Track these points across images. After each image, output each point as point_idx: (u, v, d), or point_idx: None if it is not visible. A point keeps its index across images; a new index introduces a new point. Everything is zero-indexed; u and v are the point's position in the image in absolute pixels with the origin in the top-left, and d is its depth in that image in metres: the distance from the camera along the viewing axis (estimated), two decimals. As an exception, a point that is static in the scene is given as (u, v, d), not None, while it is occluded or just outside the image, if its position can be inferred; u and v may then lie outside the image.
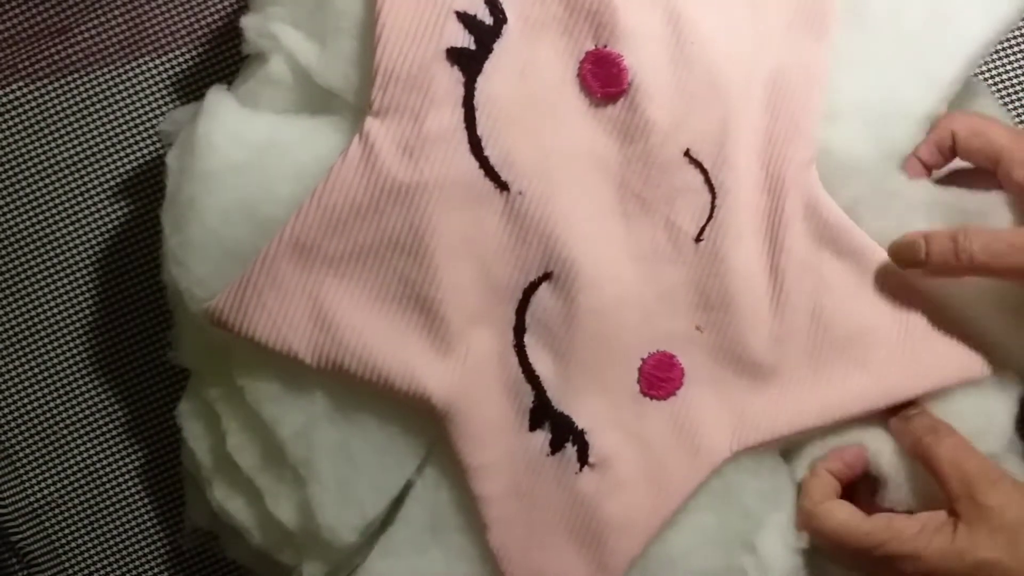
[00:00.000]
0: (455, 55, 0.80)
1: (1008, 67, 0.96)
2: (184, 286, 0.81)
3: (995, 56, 0.96)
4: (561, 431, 0.82)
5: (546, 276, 0.81)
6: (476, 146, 0.80)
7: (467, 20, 0.80)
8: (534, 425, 0.82)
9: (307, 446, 0.81)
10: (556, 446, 0.82)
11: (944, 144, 0.82)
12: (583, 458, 0.82)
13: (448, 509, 0.83)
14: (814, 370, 0.82)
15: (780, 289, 0.82)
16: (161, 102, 0.96)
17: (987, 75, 0.96)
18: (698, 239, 0.82)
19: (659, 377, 0.82)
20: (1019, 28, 0.95)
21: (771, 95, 0.82)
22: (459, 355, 0.81)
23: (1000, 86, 0.96)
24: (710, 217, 0.82)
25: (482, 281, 0.81)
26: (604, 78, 0.81)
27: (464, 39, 0.80)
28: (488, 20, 0.80)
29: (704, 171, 0.82)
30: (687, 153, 0.81)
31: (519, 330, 0.82)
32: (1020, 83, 0.96)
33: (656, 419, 0.82)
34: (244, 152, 0.81)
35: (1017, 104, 0.96)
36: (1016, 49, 0.96)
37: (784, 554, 0.83)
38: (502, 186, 0.81)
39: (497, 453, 0.81)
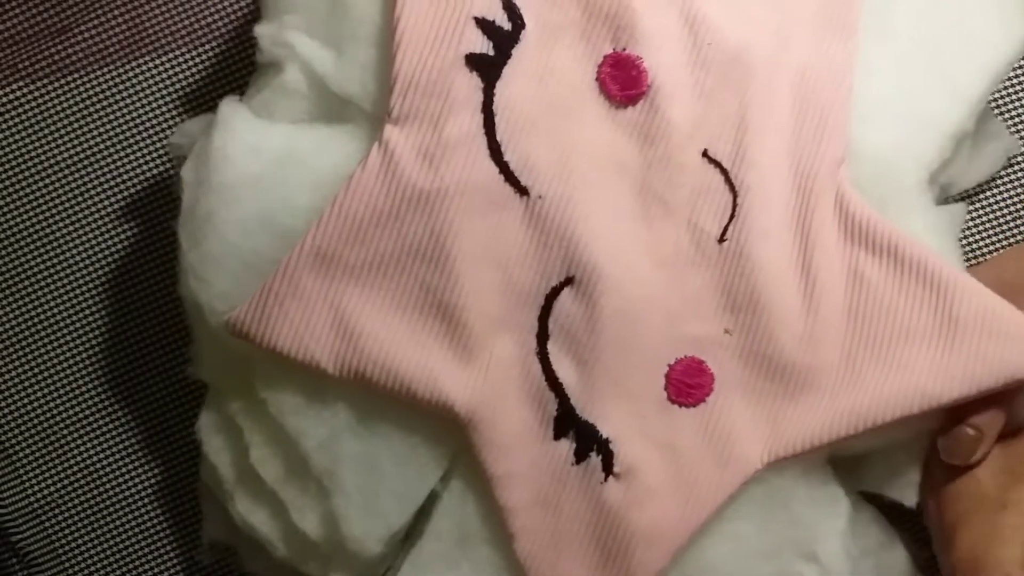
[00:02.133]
0: (474, 61, 0.79)
1: (1012, 90, 0.96)
2: (204, 300, 0.81)
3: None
4: (586, 440, 0.81)
5: (568, 281, 0.81)
6: (496, 151, 0.80)
7: (486, 26, 0.80)
8: (559, 434, 0.81)
9: (331, 457, 0.81)
10: (581, 455, 0.81)
11: None
12: (608, 467, 0.81)
13: (476, 521, 0.82)
14: (850, 371, 0.81)
15: (812, 287, 0.81)
16: (161, 103, 0.95)
17: (993, 97, 0.95)
18: (721, 239, 0.81)
19: (688, 384, 0.81)
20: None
21: (797, 94, 0.82)
22: (482, 363, 0.81)
23: (1004, 108, 0.96)
24: (732, 216, 0.81)
25: (504, 287, 0.81)
26: (624, 81, 0.81)
27: (483, 45, 0.80)
28: (506, 25, 0.80)
29: (724, 171, 0.81)
30: (705, 153, 0.81)
31: (542, 337, 0.81)
32: (1020, 83, 0.96)
33: (685, 427, 0.82)
34: (261, 163, 0.81)
35: (1018, 104, 0.96)
36: (1020, 71, 0.96)
37: (847, 563, 0.83)
38: (522, 191, 0.80)
39: (522, 462, 0.81)
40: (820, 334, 0.81)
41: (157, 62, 0.95)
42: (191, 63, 0.95)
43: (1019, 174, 0.96)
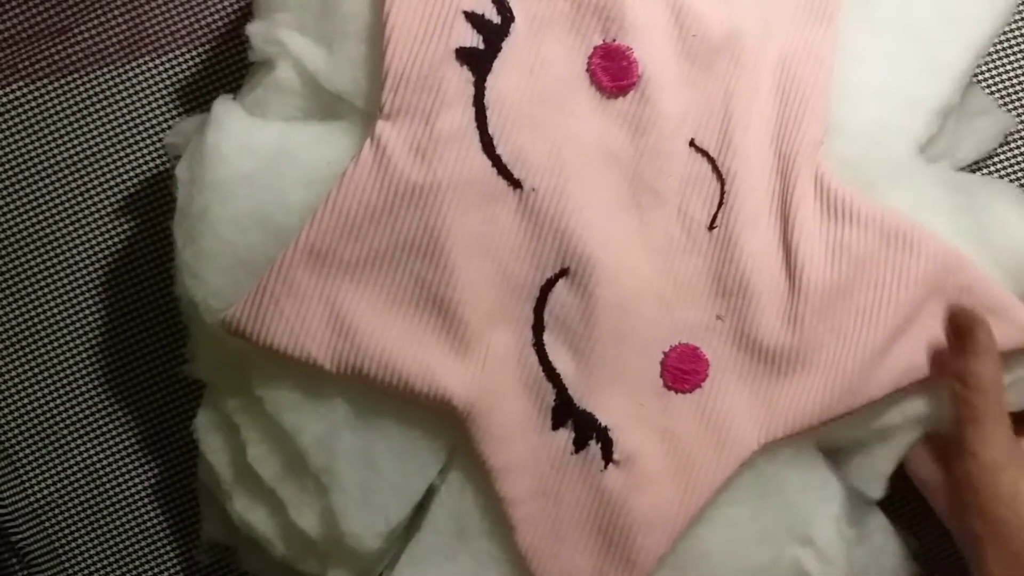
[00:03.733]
0: (464, 55, 0.80)
1: (1008, 67, 0.96)
2: (199, 298, 0.81)
3: (995, 56, 0.96)
4: (584, 429, 0.82)
5: (563, 272, 0.81)
6: (488, 145, 0.80)
7: (475, 20, 0.80)
8: (557, 424, 0.82)
9: (328, 454, 0.81)
10: (580, 444, 0.82)
11: None
12: (607, 455, 0.82)
13: (474, 513, 0.83)
14: (841, 348, 0.82)
15: (796, 267, 0.81)
16: (161, 103, 0.95)
17: (986, 75, 0.96)
18: (711, 227, 0.82)
19: (683, 370, 0.82)
20: (1018, 28, 0.96)
21: (780, 80, 0.82)
22: (478, 355, 0.81)
23: (1000, 86, 0.96)
24: (720, 203, 0.82)
25: (499, 280, 0.81)
26: (614, 72, 0.81)
27: (473, 39, 0.80)
28: (496, 19, 0.80)
29: (711, 159, 0.82)
30: (692, 143, 0.82)
31: (538, 328, 0.82)
32: (1020, 83, 0.96)
33: (682, 413, 0.82)
34: (254, 161, 0.81)
35: (1017, 104, 0.97)
36: (1016, 49, 0.96)
37: (842, 545, 0.84)
38: (515, 184, 0.80)
39: (520, 453, 0.81)
40: (808, 314, 0.81)
41: (156, 62, 0.95)
42: (190, 63, 0.95)
43: (1015, 152, 0.97)
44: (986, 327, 0.80)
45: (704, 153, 0.82)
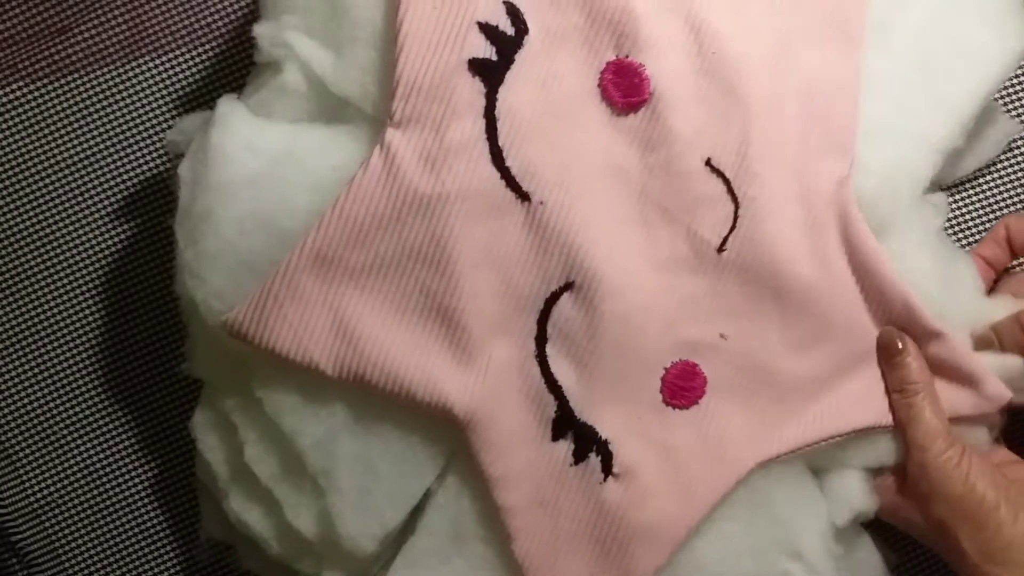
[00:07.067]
0: (477, 66, 0.79)
1: (1014, 73, 0.96)
2: (200, 298, 0.81)
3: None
4: (584, 441, 0.82)
5: (568, 286, 0.81)
6: (497, 156, 0.80)
7: (489, 31, 0.79)
8: (557, 435, 0.82)
9: (327, 456, 0.81)
10: (579, 456, 0.82)
11: (1000, 236, 0.89)
12: (607, 468, 0.82)
13: (470, 519, 0.83)
14: (840, 380, 0.83)
15: (809, 299, 0.82)
16: (161, 103, 0.95)
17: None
18: (721, 248, 0.82)
19: (681, 386, 0.82)
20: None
21: (804, 106, 0.82)
22: (480, 365, 0.81)
23: (1005, 92, 0.96)
24: (733, 227, 0.81)
25: (503, 291, 0.81)
26: (626, 88, 0.81)
27: (486, 50, 0.79)
28: (510, 31, 0.80)
29: (726, 180, 0.81)
30: (708, 162, 0.81)
31: (540, 340, 0.82)
32: (1022, 83, 0.96)
33: (680, 429, 0.83)
34: (259, 162, 0.80)
35: (1019, 106, 0.96)
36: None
37: (830, 559, 0.84)
38: (523, 196, 0.80)
39: (519, 463, 0.81)
40: (813, 343, 0.82)
41: (157, 62, 0.95)
42: (190, 63, 0.95)
43: (1018, 158, 0.97)
44: (902, 335, 0.84)
45: (720, 174, 0.81)
